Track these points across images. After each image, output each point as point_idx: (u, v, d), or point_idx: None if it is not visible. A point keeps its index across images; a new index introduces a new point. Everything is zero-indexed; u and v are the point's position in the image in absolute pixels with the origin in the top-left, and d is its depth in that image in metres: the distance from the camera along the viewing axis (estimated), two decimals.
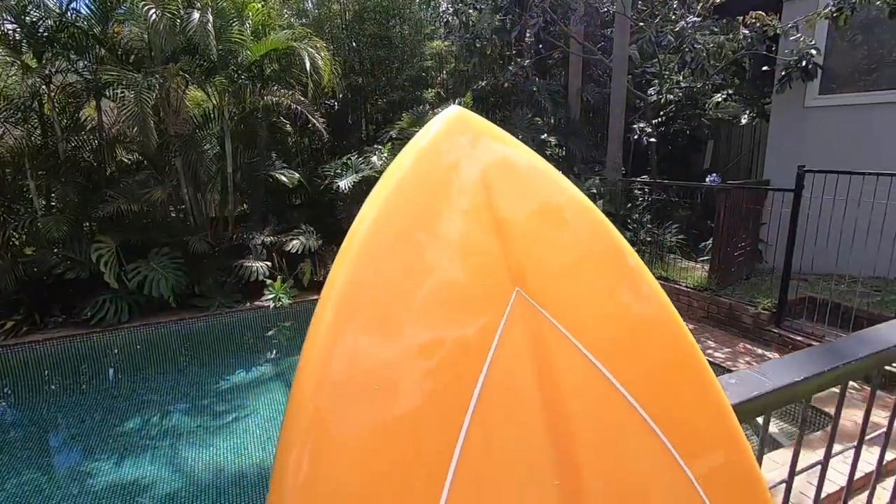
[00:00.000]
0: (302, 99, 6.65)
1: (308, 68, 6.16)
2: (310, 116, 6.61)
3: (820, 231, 4.62)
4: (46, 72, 5.60)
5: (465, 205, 0.55)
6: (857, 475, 1.06)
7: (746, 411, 0.58)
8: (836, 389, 0.84)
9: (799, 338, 4.76)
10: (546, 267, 0.50)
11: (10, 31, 5.59)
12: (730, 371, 4.52)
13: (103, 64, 5.67)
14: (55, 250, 5.99)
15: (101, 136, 6.44)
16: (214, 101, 6.72)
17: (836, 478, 2.46)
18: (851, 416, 3.22)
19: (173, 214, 7.16)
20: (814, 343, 4.66)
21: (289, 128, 7.75)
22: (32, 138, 6.14)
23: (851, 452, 1.01)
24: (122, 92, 5.82)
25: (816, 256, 4.96)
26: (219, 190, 7.08)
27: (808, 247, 4.79)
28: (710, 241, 6.26)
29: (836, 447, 0.96)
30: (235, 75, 6.28)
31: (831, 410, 3.62)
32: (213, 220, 7.28)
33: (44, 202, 6.40)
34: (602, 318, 0.51)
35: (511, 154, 0.61)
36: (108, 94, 6.36)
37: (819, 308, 4.75)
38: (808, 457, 2.41)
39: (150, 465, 4.06)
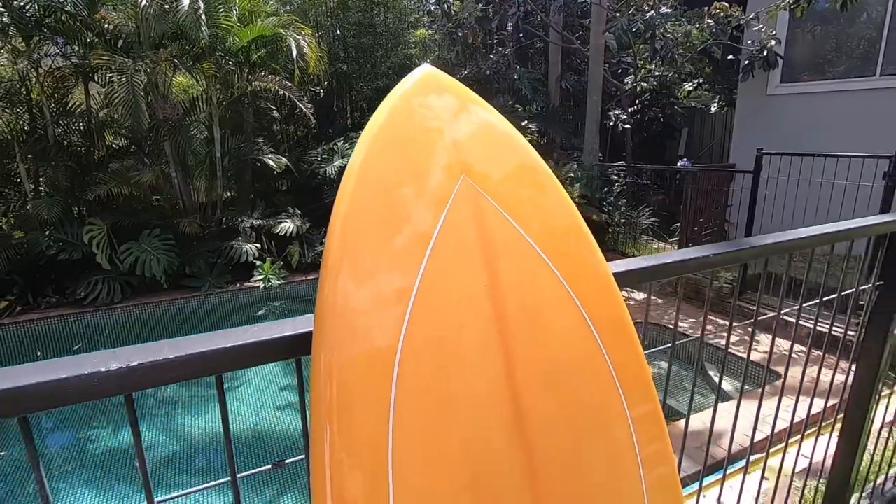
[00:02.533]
0: (289, 85, 6.81)
1: (295, 55, 6.33)
2: (297, 102, 6.78)
3: (776, 209, 5.00)
4: (35, 56, 5.69)
5: (432, 150, 0.81)
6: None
7: (622, 279, 0.86)
8: (785, 352, 1.14)
9: (761, 310, 5.14)
10: (486, 167, 0.77)
11: None
12: (689, 336, 4.89)
13: (92, 49, 5.77)
14: (47, 232, 6.10)
15: (90, 120, 6.54)
16: (202, 87, 6.85)
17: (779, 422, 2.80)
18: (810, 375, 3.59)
19: (161, 198, 7.28)
20: (770, 313, 5.04)
21: (276, 114, 7.90)
22: (21, 122, 6.22)
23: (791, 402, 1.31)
24: (111, 77, 5.92)
25: (777, 227, 5.35)
26: (207, 175, 7.23)
27: (766, 224, 5.17)
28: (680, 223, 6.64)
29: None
30: (223, 61, 6.42)
31: (781, 370, 4.01)
32: (201, 205, 7.43)
33: (32, 186, 6.49)
34: (525, 201, 0.78)
35: (472, 107, 0.88)
36: (96, 78, 6.45)
37: (776, 281, 5.15)
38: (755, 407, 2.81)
39: (148, 432, 4.28)
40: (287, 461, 0.73)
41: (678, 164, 7.57)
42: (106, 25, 6.08)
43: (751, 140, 6.53)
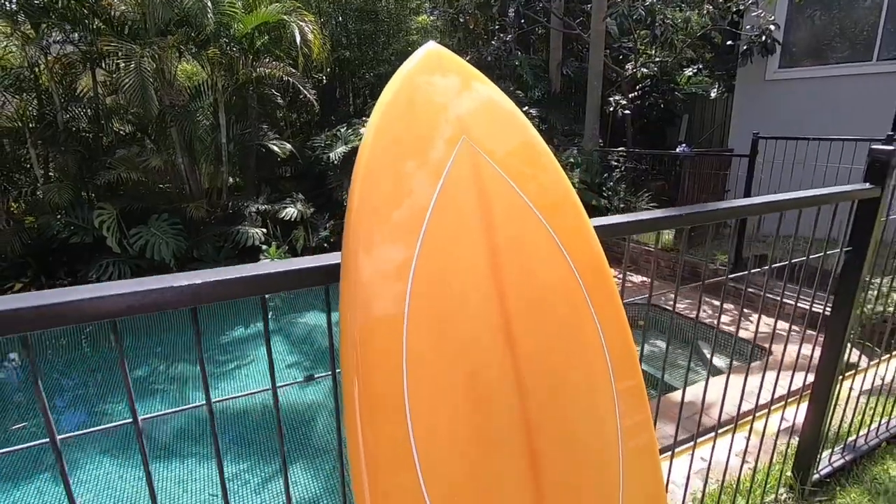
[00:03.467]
0: (293, 71, 6.89)
1: (298, 41, 6.41)
2: (301, 88, 6.87)
3: (772, 192, 5.10)
4: (44, 42, 5.78)
5: (437, 117, 0.94)
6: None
7: (601, 230, 0.99)
8: (767, 329, 1.26)
9: (751, 289, 5.28)
10: (482, 131, 0.90)
11: (6, 2, 5.75)
12: (688, 318, 5.03)
13: (99, 35, 5.86)
14: (58, 216, 6.25)
15: (98, 106, 6.65)
16: (207, 74, 6.94)
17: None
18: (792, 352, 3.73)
19: (168, 184, 7.41)
20: (773, 298, 5.15)
21: (280, 100, 7.98)
22: (30, 108, 6.34)
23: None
24: (118, 63, 6.02)
25: (770, 218, 5.46)
26: (212, 160, 7.34)
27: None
28: None
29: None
30: (228, 47, 6.50)
31: (775, 348, 4.14)
32: (207, 190, 7.56)
33: (42, 171, 6.63)
34: (516, 160, 0.91)
35: (474, 83, 1.00)
36: (103, 65, 6.55)
37: (770, 264, 5.27)
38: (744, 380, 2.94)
39: (160, 405, 4.47)
40: (317, 376, 0.87)
41: (677, 149, 7.66)
42: (112, 12, 6.16)
43: (749, 125, 6.60)
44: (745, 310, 5.17)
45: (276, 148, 7.28)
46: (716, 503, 1.80)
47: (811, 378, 1.89)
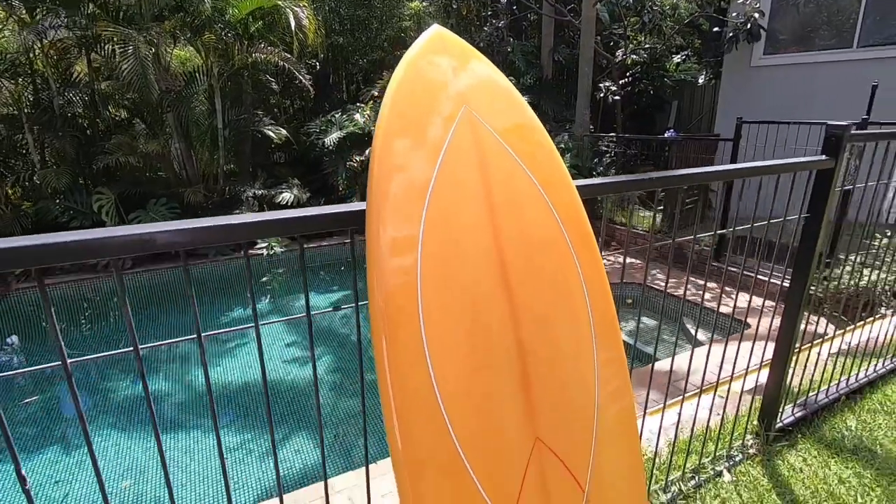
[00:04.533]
0: (289, 56, 6.96)
1: (293, 27, 6.47)
2: (296, 73, 6.94)
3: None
4: (40, 27, 5.81)
5: (442, 90, 1.09)
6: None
7: (581, 190, 1.15)
8: (743, 304, 1.43)
9: (734, 269, 5.49)
10: (483, 103, 1.05)
11: None
12: (675, 296, 5.24)
13: (95, 20, 5.89)
14: (57, 201, 6.32)
15: (94, 91, 6.68)
16: (202, 59, 6.98)
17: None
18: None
19: (165, 169, 7.48)
20: (748, 275, 5.37)
21: (274, 85, 8.04)
22: (26, 94, 6.36)
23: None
24: (113, 48, 6.06)
25: (754, 198, 5.67)
26: (209, 146, 7.41)
27: (745, 189, 5.48)
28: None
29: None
30: (223, 33, 6.55)
31: (750, 320, 4.37)
32: (204, 175, 7.64)
33: (39, 157, 6.67)
34: (512, 130, 1.07)
35: (474, 63, 1.15)
36: (98, 50, 6.57)
37: (752, 245, 5.49)
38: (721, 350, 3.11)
39: (164, 382, 4.63)
40: (343, 307, 1.04)
41: (665, 134, 7.83)
42: None
43: (735, 110, 6.78)
44: (728, 288, 5.39)
45: (271, 133, 7.36)
46: (688, 447, 2.00)
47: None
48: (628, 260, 6.59)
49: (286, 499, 2.15)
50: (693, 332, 4.74)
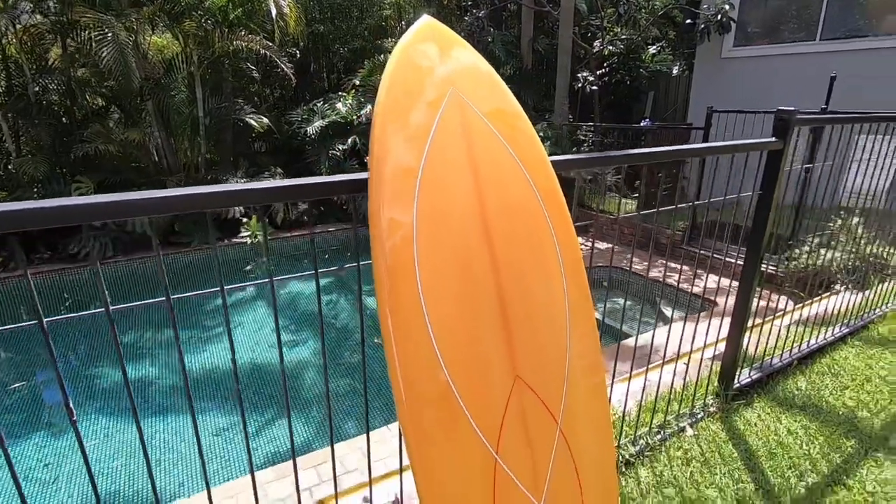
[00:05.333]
0: (270, 44, 6.95)
1: (274, 14, 6.46)
2: (278, 62, 6.94)
3: (722, 162, 5.54)
4: (13, 12, 5.70)
5: (431, 75, 1.22)
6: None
7: (554, 164, 1.30)
8: (712, 285, 1.59)
9: (704, 252, 5.75)
10: (470, 87, 1.19)
11: None
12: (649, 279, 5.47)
13: (71, 5, 5.80)
14: (34, 190, 6.24)
15: (70, 78, 6.59)
16: (181, 46, 6.92)
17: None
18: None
19: (146, 158, 7.41)
20: (717, 257, 5.64)
21: (255, 74, 8.00)
22: (0, 80, 6.25)
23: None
24: (91, 34, 5.98)
25: (722, 186, 5.93)
26: (188, 135, 7.37)
27: (717, 178, 5.73)
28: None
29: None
30: (203, 20, 6.51)
31: (719, 299, 4.62)
32: (185, 164, 7.59)
33: (14, 146, 6.56)
34: (492, 107, 1.21)
35: (460, 51, 1.28)
36: (73, 36, 6.47)
37: (722, 229, 5.75)
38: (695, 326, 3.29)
39: (151, 367, 4.68)
40: (346, 266, 1.17)
41: (641, 123, 8.06)
42: None
43: (707, 100, 7.02)
44: (699, 270, 5.65)
45: (253, 122, 7.35)
46: (654, 406, 2.20)
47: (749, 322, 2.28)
48: (605, 245, 6.82)
49: (285, 465, 2.28)
50: (665, 311, 4.99)
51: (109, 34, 5.29)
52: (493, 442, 1.07)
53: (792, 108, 1.88)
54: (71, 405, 0.93)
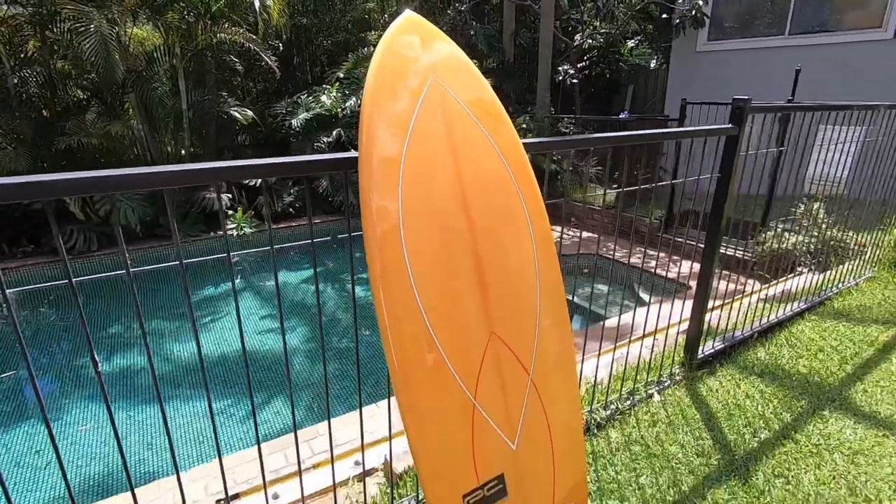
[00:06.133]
0: (253, 37, 6.97)
1: (258, 6, 6.49)
2: (262, 54, 6.96)
3: (695, 153, 5.76)
4: None
5: (414, 65, 1.35)
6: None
7: (526, 146, 1.44)
8: (687, 270, 1.74)
9: (679, 239, 5.97)
10: (447, 73, 1.32)
11: None
12: (624, 264, 5.67)
13: None
14: None
15: (50, 70, 6.54)
16: (162, 39, 6.90)
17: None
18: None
19: (129, 152, 7.39)
20: (690, 243, 5.87)
21: (239, 66, 8.00)
22: None
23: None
24: (71, 26, 5.95)
25: (695, 175, 6.17)
26: (172, 128, 7.36)
27: (692, 169, 5.95)
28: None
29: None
30: (185, 12, 6.51)
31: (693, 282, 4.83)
32: (168, 158, 7.59)
33: None
34: (468, 93, 1.34)
35: (440, 43, 1.41)
36: (52, 27, 6.41)
37: (697, 218, 5.98)
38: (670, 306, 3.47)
39: (140, 357, 4.73)
40: (339, 237, 1.30)
41: (620, 115, 8.27)
42: None
43: (683, 93, 7.24)
44: (675, 256, 5.87)
45: (237, 115, 7.37)
46: (623, 375, 2.37)
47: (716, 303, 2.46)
48: (585, 234, 7.02)
49: (282, 439, 2.40)
50: (641, 294, 5.19)
51: (92, 26, 5.27)
52: (471, 389, 1.21)
53: (747, 97, 2.04)
54: (97, 357, 1.04)
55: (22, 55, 6.44)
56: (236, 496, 1.91)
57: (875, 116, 2.98)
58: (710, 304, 2.45)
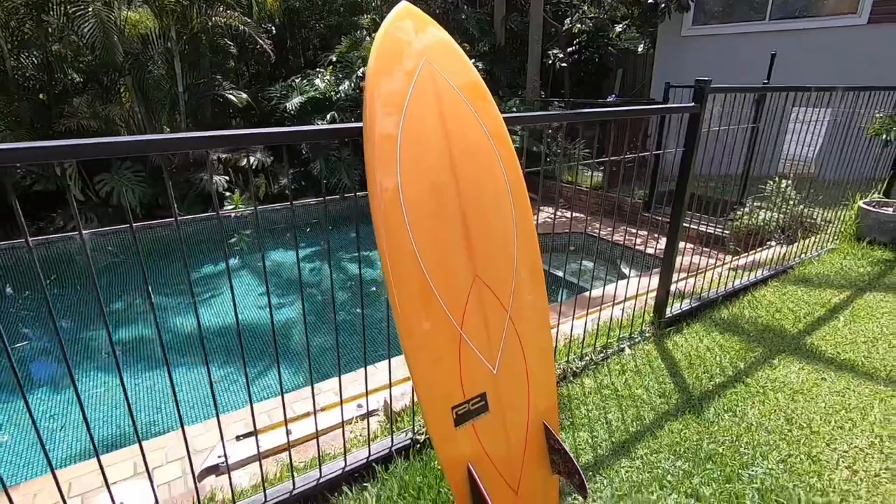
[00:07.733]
0: (248, 20, 7.07)
1: None
2: (256, 37, 7.07)
3: (681, 135, 6.01)
4: None
5: (408, 50, 1.56)
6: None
7: (506, 120, 1.67)
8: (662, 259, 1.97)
9: (662, 218, 6.25)
10: (441, 58, 1.53)
11: None
12: (609, 241, 5.93)
13: None
14: (17, 165, 6.33)
15: (47, 53, 6.62)
16: (157, 22, 6.98)
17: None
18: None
19: (128, 134, 7.50)
20: (668, 221, 6.12)
21: (233, 49, 8.09)
22: None
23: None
24: (68, 9, 6.03)
25: (673, 160, 6.42)
26: (168, 111, 7.47)
27: (672, 146, 6.19)
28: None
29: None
30: None
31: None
32: None
33: None
34: (457, 75, 1.56)
35: (431, 29, 1.63)
36: (47, 10, 6.48)
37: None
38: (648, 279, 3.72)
39: (144, 329, 4.95)
40: (348, 195, 1.52)
41: (607, 99, 8.47)
42: None
43: (668, 77, 7.45)
44: (656, 234, 6.14)
45: (232, 97, 7.49)
46: (597, 331, 2.63)
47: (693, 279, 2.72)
48: (576, 214, 7.26)
49: (296, 392, 2.64)
50: (623, 269, 5.47)
51: (90, 9, 5.37)
52: (458, 321, 1.46)
53: (707, 79, 2.27)
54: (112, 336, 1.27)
55: (19, 38, 6.50)
56: (257, 433, 2.16)
57: (834, 98, 3.23)
58: (677, 264, 2.70)
